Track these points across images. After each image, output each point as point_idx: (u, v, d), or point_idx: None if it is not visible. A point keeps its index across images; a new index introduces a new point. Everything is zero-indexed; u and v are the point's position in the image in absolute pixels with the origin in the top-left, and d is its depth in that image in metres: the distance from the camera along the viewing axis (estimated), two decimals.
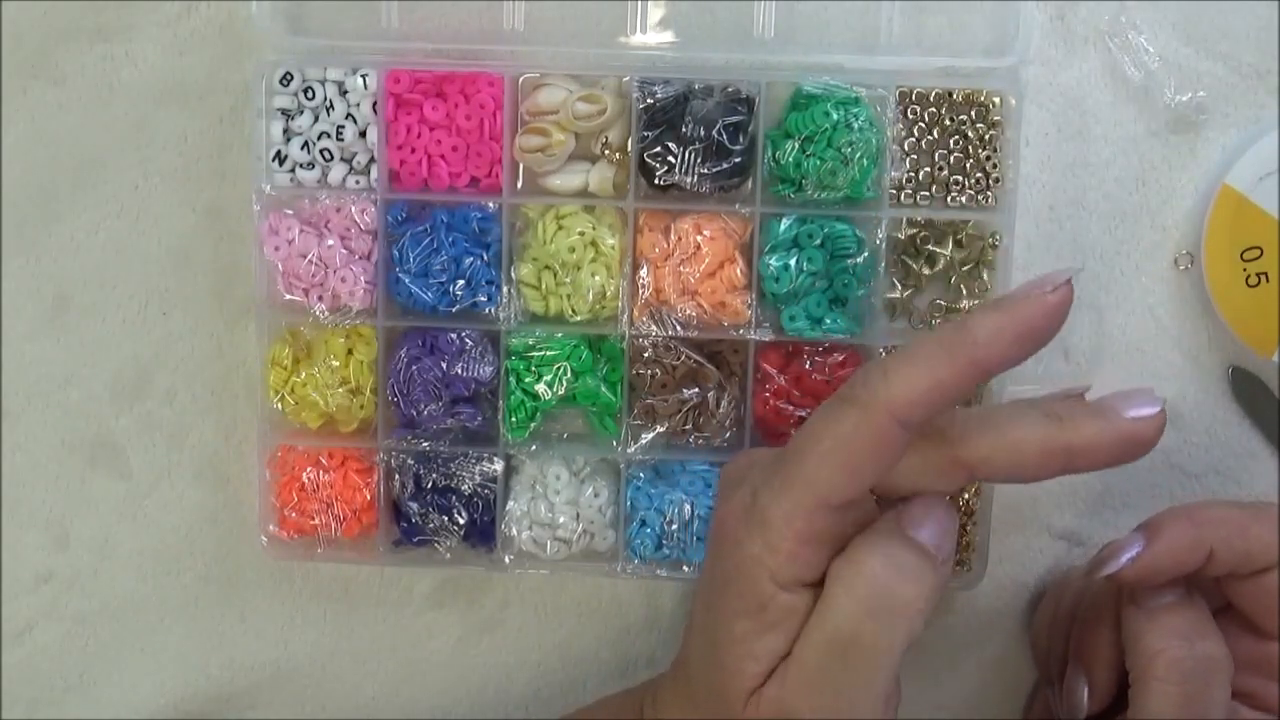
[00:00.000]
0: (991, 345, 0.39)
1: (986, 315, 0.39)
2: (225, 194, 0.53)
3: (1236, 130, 0.51)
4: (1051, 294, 0.38)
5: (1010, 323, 0.39)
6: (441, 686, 0.57)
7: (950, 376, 0.39)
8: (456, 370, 0.51)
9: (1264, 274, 0.50)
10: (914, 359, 0.39)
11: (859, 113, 0.49)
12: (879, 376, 0.39)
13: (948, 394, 0.39)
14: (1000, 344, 0.39)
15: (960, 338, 0.39)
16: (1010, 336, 0.39)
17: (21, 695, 0.58)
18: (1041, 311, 0.39)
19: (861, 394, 0.39)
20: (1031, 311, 0.39)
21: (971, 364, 0.39)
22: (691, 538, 0.52)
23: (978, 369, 0.39)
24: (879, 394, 0.39)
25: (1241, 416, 0.53)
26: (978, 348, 0.39)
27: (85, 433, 0.56)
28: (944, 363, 0.39)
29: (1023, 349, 0.39)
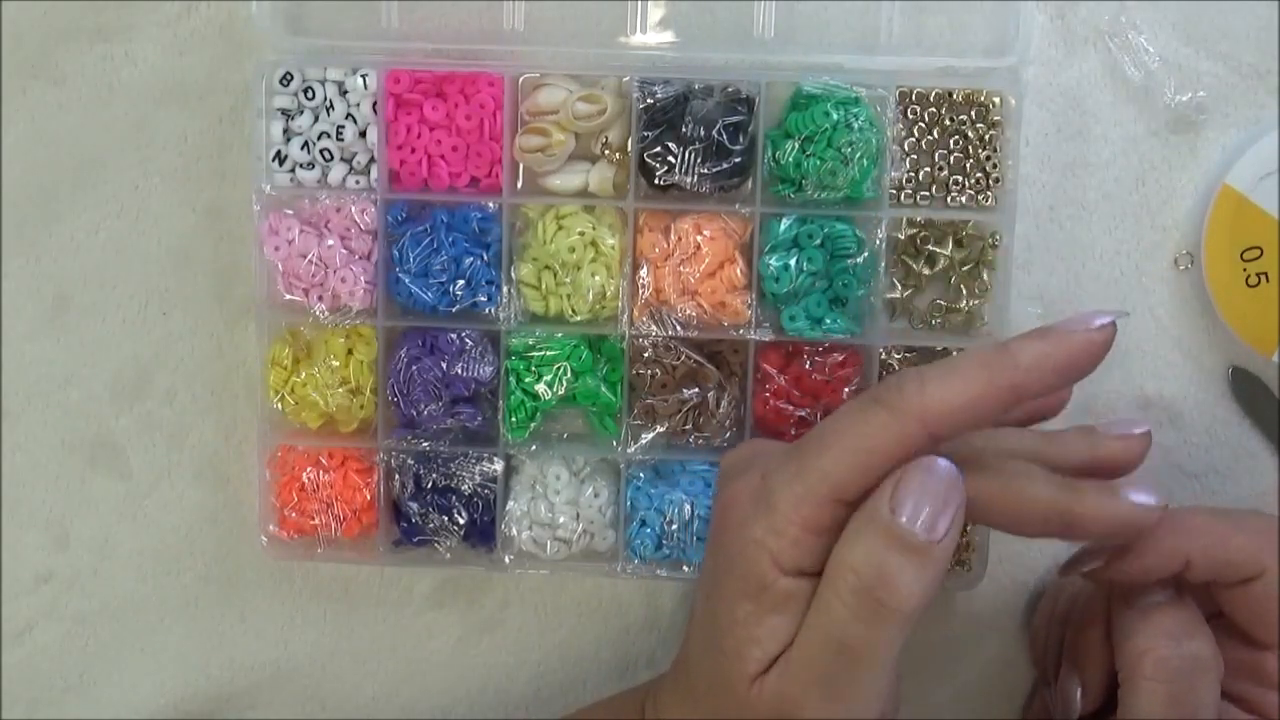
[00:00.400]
0: (1032, 372, 0.39)
1: (1031, 342, 0.39)
2: (225, 194, 0.54)
3: (1236, 130, 0.51)
4: (1097, 331, 0.39)
5: (1054, 352, 0.39)
6: (441, 686, 0.57)
7: (987, 396, 0.39)
8: (456, 370, 0.51)
9: (1264, 274, 0.50)
10: (953, 372, 0.40)
11: (859, 113, 0.49)
12: (915, 384, 0.40)
13: (980, 413, 0.39)
14: (1041, 372, 0.39)
15: (1003, 360, 0.39)
16: (1052, 366, 0.39)
17: (21, 695, 0.57)
18: (1085, 346, 0.39)
19: (895, 398, 0.40)
20: (1076, 344, 0.39)
21: (1010, 387, 0.39)
22: (691, 538, 0.52)
23: (1015, 393, 0.39)
24: (913, 401, 0.39)
25: (1241, 416, 0.53)
26: (1019, 372, 0.39)
27: (85, 433, 0.56)
28: (983, 382, 0.39)
29: (1061, 380, 0.39)
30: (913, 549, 0.38)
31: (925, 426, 0.39)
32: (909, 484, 0.39)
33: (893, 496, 0.39)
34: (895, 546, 0.38)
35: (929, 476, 0.39)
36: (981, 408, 0.39)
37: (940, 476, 0.39)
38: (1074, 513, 0.40)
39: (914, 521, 0.38)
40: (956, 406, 0.39)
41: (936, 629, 0.54)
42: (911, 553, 0.38)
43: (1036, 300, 0.52)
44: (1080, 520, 0.40)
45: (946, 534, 0.39)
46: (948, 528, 0.39)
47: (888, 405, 0.40)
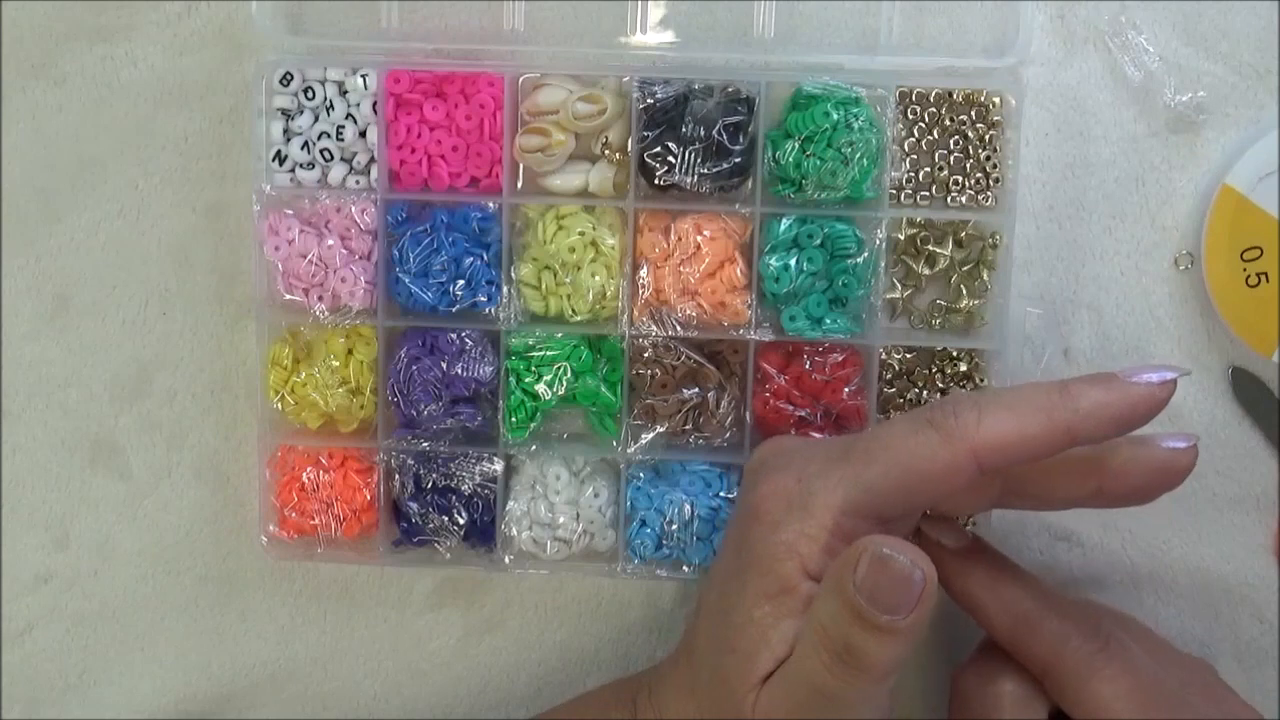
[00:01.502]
0: (1090, 418, 0.39)
1: (1094, 388, 0.40)
2: (225, 194, 0.54)
3: (1236, 130, 0.51)
4: (1159, 387, 0.39)
5: (1115, 402, 0.39)
6: (441, 686, 0.57)
7: (1041, 435, 0.39)
8: (456, 370, 0.51)
9: (1264, 274, 0.50)
10: (1011, 406, 0.40)
11: (859, 113, 0.49)
12: (973, 414, 0.40)
13: (1032, 450, 0.39)
14: (1099, 419, 0.39)
15: (1063, 402, 0.39)
16: (1110, 415, 0.39)
17: (21, 695, 0.58)
18: (1146, 399, 0.39)
19: (951, 423, 0.40)
20: (1137, 396, 0.39)
21: (1066, 430, 0.39)
22: (691, 538, 0.52)
23: (1069, 436, 0.39)
24: (969, 430, 0.39)
25: (1241, 416, 0.53)
26: (1077, 416, 0.39)
27: (85, 433, 0.56)
28: (1040, 421, 0.39)
29: (1116, 429, 0.40)
30: (875, 627, 0.38)
31: (975, 457, 0.39)
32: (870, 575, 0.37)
33: (855, 572, 0.38)
34: (858, 622, 0.38)
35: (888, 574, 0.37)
36: (1033, 446, 0.39)
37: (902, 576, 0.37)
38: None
39: (875, 605, 0.37)
40: (1009, 440, 0.39)
41: (937, 629, 0.54)
42: (873, 630, 0.38)
43: (1036, 300, 0.52)
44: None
45: (909, 618, 0.37)
46: (909, 615, 0.37)
47: (942, 430, 0.40)
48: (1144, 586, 0.54)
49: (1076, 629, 0.42)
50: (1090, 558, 0.54)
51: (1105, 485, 0.41)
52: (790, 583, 0.40)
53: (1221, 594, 0.54)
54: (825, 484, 0.41)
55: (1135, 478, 0.41)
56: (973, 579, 0.45)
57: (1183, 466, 0.41)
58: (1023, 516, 0.54)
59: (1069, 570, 0.54)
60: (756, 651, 0.41)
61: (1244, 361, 0.52)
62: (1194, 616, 0.54)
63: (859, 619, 0.37)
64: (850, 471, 0.41)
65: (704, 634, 0.44)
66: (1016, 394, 0.40)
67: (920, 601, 0.37)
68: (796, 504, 0.41)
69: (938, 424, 0.40)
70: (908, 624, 0.37)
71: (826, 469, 0.41)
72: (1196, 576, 0.54)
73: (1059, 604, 0.44)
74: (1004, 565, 0.46)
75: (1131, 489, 0.42)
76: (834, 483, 0.41)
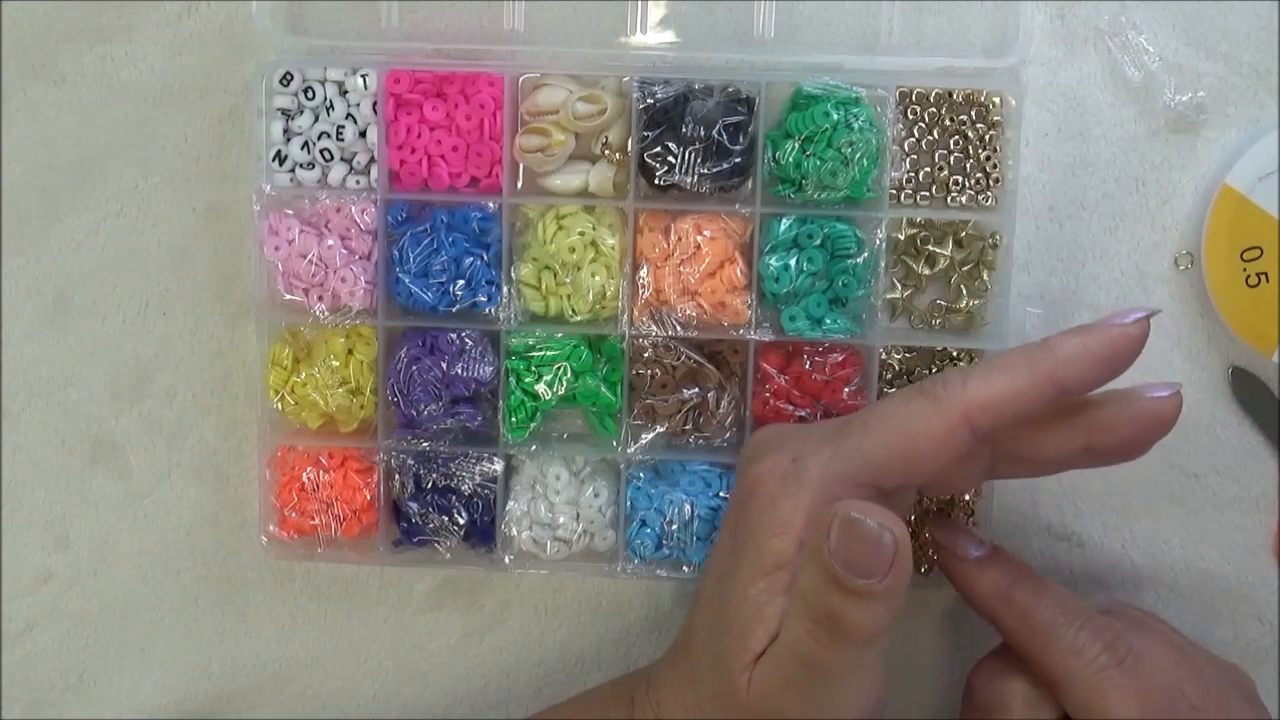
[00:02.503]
0: (1072, 363, 0.40)
1: (1069, 335, 0.41)
2: (225, 194, 0.54)
3: (1236, 130, 0.51)
4: (1132, 325, 0.40)
5: (1093, 344, 0.40)
6: (441, 686, 0.57)
7: (1027, 387, 0.40)
8: (456, 370, 0.51)
9: (1264, 274, 0.50)
10: (996, 366, 0.41)
11: (859, 113, 0.49)
12: (959, 378, 0.41)
13: (1022, 403, 0.40)
14: (1081, 363, 0.40)
15: (1044, 353, 0.41)
16: (1091, 357, 0.40)
17: (21, 695, 0.58)
18: (1123, 338, 0.40)
19: (939, 390, 0.41)
20: (1113, 336, 0.40)
21: (1050, 378, 0.40)
22: (691, 538, 0.52)
23: (1055, 384, 0.40)
24: (956, 392, 0.40)
25: (1241, 416, 0.53)
26: (1059, 364, 0.40)
27: (85, 433, 0.56)
28: (1023, 373, 0.40)
29: (1099, 371, 0.40)
30: (852, 591, 0.38)
31: (967, 417, 0.40)
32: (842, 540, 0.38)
33: (830, 539, 0.38)
34: (835, 588, 0.38)
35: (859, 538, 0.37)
36: (1023, 399, 0.40)
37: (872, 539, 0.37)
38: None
39: (850, 570, 0.37)
40: (997, 397, 0.40)
41: (936, 629, 0.54)
42: (851, 594, 0.38)
43: (1036, 300, 0.52)
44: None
45: (885, 580, 0.38)
46: (884, 578, 0.38)
47: (931, 396, 0.41)
48: (1144, 586, 0.54)
49: (1092, 642, 0.43)
50: (1090, 558, 0.54)
51: (1094, 439, 0.42)
52: (785, 558, 0.41)
53: (1221, 594, 0.54)
54: (819, 458, 0.41)
55: (1122, 428, 0.42)
56: (989, 587, 0.45)
57: (1167, 414, 0.42)
58: (1023, 516, 0.54)
59: (1069, 570, 0.54)
60: (750, 629, 0.41)
61: (1244, 361, 0.52)
62: (1194, 616, 0.54)
63: (836, 584, 0.38)
64: (845, 444, 0.41)
65: (701, 620, 0.44)
66: (1000, 356, 0.42)
67: (894, 564, 0.37)
68: (791, 479, 0.41)
69: (927, 392, 0.41)
70: (884, 587, 0.37)
71: (821, 445, 0.42)
72: (1196, 576, 0.54)
73: (1078, 613, 0.44)
74: (1022, 573, 0.46)
75: (1120, 441, 0.42)
76: (828, 456, 0.41)
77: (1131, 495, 0.53)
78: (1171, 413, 0.42)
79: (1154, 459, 0.52)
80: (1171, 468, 0.53)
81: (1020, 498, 0.53)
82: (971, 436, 0.40)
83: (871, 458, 0.41)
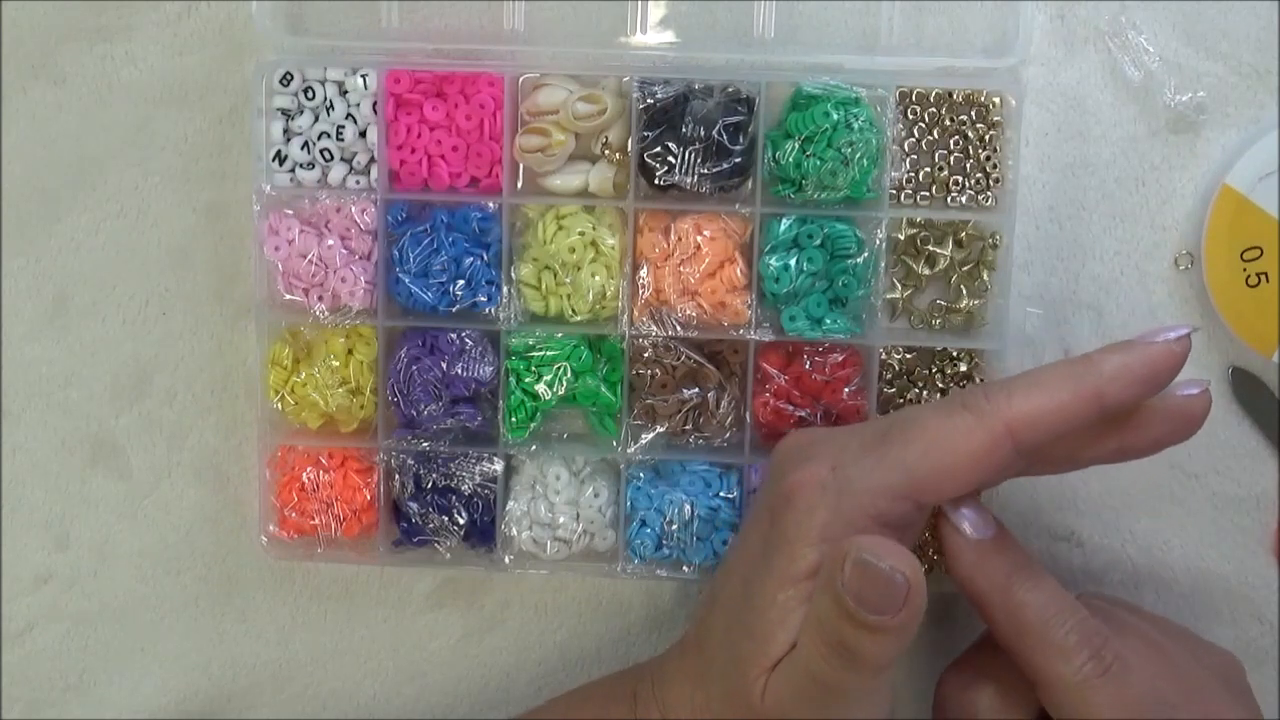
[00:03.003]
0: (1116, 380, 0.40)
1: (1114, 353, 0.41)
2: (225, 194, 0.54)
3: (1236, 130, 0.51)
4: (1175, 342, 0.41)
5: (1137, 363, 0.41)
6: (441, 686, 0.57)
7: (1072, 403, 0.40)
8: (456, 370, 0.51)
9: (1264, 274, 0.50)
10: (1039, 381, 0.41)
11: (859, 113, 0.49)
12: (1003, 392, 0.41)
13: (1066, 420, 0.40)
14: (1124, 380, 0.40)
15: (1088, 370, 0.41)
16: (1134, 375, 0.40)
17: (21, 695, 0.58)
18: (1165, 355, 0.41)
19: (983, 404, 0.41)
20: (1157, 355, 0.41)
21: (1095, 395, 0.40)
22: (691, 538, 0.52)
23: (1099, 401, 0.40)
24: (1000, 407, 0.40)
25: (1241, 416, 0.53)
26: (1103, 380, 0.40)
27: (85, 433, 0.56)
28: (1068, 389, 0.40)
29: (1142, 389, 0.41)
30: (864, 625, 0.38)
31: (1010, 433, 0.40)
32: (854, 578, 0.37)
33: (843, 573, 0.38)
34: (849, 620, 0.38)
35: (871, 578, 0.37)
36: (1066, 416, 0.40)
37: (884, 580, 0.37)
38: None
39: (862, 606, 0.37)
40: (1042, 413, 0.40)
41: (937, 630, 0.54)
42: (864, 628, 0.38)
43: (1036, 300, 0.52)
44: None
45: (898, 617, 0.37)
46: (897, 614, 0.37)
47: (975, 411, 0.40)
48: (1144, 586, 0.54)
49: (1079, 649, 0.42)
50: (1090, 558, 0.54)
51: (1127, 440, 0.42)
52: (816, 565, 0.41)
53: (1221, 594, 0.54)
54: (861, 469, 0.41)
55: (1155, 428, 0.42)
56: (984, 576, 0.44)
57: (1199, 412, 0.42)
58: (1023, 517, 0.54)
59: (1069, 570, 0.54)
60: (773, 635, 0.41)
61: (1244, 361, 0.52)
62: (1194, 616, 0.54)
63: (850, 617, 0.38)
64: (887, 455, 0.41)
65: (720, 622, 0.44)
66: (1042, 371, 0.42)
67: (908, 601, 0.37)
68: (832, 489, 0.41)
69: (971, 406, 0.41)
70: (897, 622, 0.37)
71: (861, 455, 0.42)
72: (1196, 576, 0.54)
73: (1068, 614, 0.43)
74: (1020, 564, 0.44)
75: (1153, 441, 0.43)
76: (869, 467, 0.41)
77: (1131, 495, 0.53)
78: (1203, 411, 0.42)
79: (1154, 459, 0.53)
80: (1171, 468, 0.53)
81: (1020, 498, 0.53)
82: (1014, 452, 0.40)
83: (913, 471, 0.41)
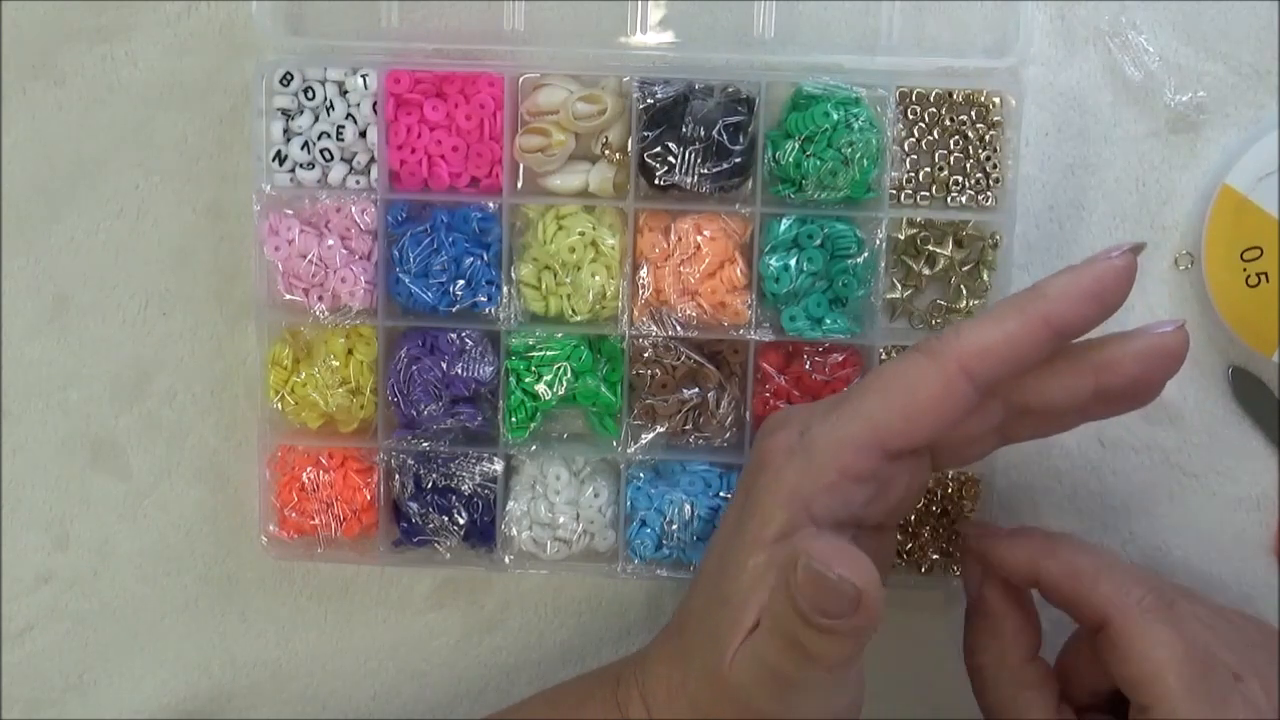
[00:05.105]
0: (1061, 300, 0.40)
1: (1057, 275, 0.41)
2: (225, 194, 0.54)
3: (1236, 130, 0.51)
4: (1118, 258, 0.40)
5: (1079, 280, 0.40)
6: (441, 686, 0.57)
7: (1020, 330, 0.40)
8: (456, 370, 0.51)
9: (1264, 274, 0.50)
10: (987, 315, 0.41)
11: (859, 113, 0.49)
12: (952, 331, 0.41)
13: (1017, 348, 0.40)
14: (1069, 299, 0.40)
15: (1032, 294, 0.41)
16: (1079, 293, 0.40)
17: (21, 695, 0.58)
18: (1109, 272, 0.40)
19: (934, 344, 0.41)
20: (1099, 272, 0.40)
21: (1042, 319, 0.40)
22: (691, 538, 0.52)
23: (1047, 325, 0.40)
24: (951, 345, 0.40)
25: (1241, 416, 0.53)
26: (1048, 302, 0.40)
27: (85, 433, 0.56)
28: (1015, 318, 0.40)
29: (1090, 308, 0.40)
30: (816, 626, 0.38)
31: (964, 369, 0.40)
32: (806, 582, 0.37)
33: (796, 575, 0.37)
34: (802, 619, 0.38)
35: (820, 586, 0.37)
36: (1017, 344, 0.40)
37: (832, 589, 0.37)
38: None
39: (814, 609, 0.37)
40: (991, 344, 0.40)
41: (935, 629, 0.54)
42: (816, 629, 0.38)
43: None
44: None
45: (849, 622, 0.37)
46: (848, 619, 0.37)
47: (927, 352, 0.41)
48: None
49: (1138, 584, 0.42)
50: None
51: (1101, 380, 0.41)
52: (790, 527, 0.40)
53: (1221, 594, 0.54)
54: (824, 426, 0.41)
55: (1128, 365, 0.41)
56: (1025, 550, 0.45)
57: (1173, 348, 0.41)
58: (1022, 517, 0.54)
59: None
60: (747, 602, 0.40)
61: (1244, 361, 0.52)
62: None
63: (803, 617, 0.38)
64: (847, 407, 0.41)
65: (699, 597, 0.44)
66: (992, 307, 0.42)
67: (860, 607, 0.37)
68: (799, 450, 0.41)
69: (923, 348, 0.41)
70: (849, 627, 0.37)
71: (825, 413, 0.42)
72: (1196, 576, 0.54)
73: (1123, 564, 0.44)
74: (1060, 536, 0.46)
75: (1128, 380, 0.42)
76: (832, 423, 0.41)
77: (1131, 495, 0.53)
78: (1178, 346, 0.41)
79: (1154, 459, 0.53)
80: (1172, 468, 0.53)
81: (1020, 498, 0.53)
82: (972, 388, 0.40)
83: (873, 419, 0.40)
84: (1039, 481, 0.53)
